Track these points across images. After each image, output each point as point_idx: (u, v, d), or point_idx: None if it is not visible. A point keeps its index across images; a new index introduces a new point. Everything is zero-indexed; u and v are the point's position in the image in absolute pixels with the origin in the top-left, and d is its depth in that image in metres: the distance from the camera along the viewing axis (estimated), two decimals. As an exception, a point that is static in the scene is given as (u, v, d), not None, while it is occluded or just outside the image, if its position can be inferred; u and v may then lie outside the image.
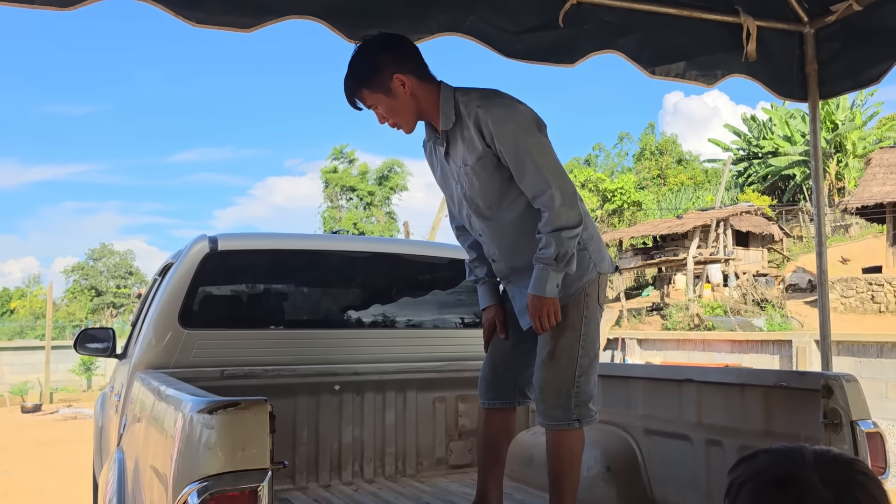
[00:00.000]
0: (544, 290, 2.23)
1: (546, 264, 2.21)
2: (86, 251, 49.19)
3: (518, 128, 2.24)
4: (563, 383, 2.33)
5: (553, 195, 2.19)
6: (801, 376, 2.55)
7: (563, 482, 2.36)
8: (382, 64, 2.27)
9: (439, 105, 2.31)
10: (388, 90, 2.28)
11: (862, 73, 3.40)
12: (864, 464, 1.02)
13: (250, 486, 1.57)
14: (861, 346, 10.31)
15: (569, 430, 2.35)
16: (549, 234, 2.20)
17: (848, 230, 27.65)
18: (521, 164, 2.23)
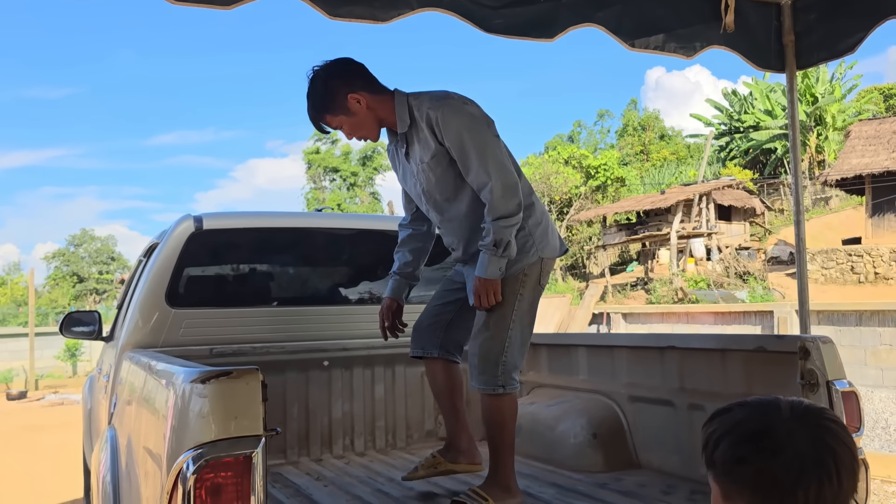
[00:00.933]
0: (486, 273, 2.47)
1: (487, 250, 2.45)
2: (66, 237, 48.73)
3: (464, 126, 2.46)
4: (493, 353, 2.54)
5: (493, 187, 2.42)
6: (779, 340, 2.61)
7: (496, 442, 2.58)
8: (335, 89, 2.53)
9: (395, 111, 2.56)
10: (346, 110, 2.54)
11: (838, 44, 3.45)
12: (833, 412, 1.07)
13: (244, 453, 1.60)
14: (840, 315, 10.49)
15: (497, 395, 2.55)
16: (490, 223, 2.44)
17: (828, 203, 27.94)
18: (467, 159, 2.46)
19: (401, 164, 2.71)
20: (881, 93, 34.15)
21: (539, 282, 2.63)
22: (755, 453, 1.00)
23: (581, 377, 3.49)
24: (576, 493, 2.73)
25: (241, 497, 1.61)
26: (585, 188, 29.47)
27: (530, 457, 3.31)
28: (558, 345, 3.77)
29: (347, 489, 2.86)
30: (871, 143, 21.45)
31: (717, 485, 1.06)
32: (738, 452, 1.01)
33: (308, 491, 2.86)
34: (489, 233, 2.44)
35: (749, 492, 1.00)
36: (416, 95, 2.56)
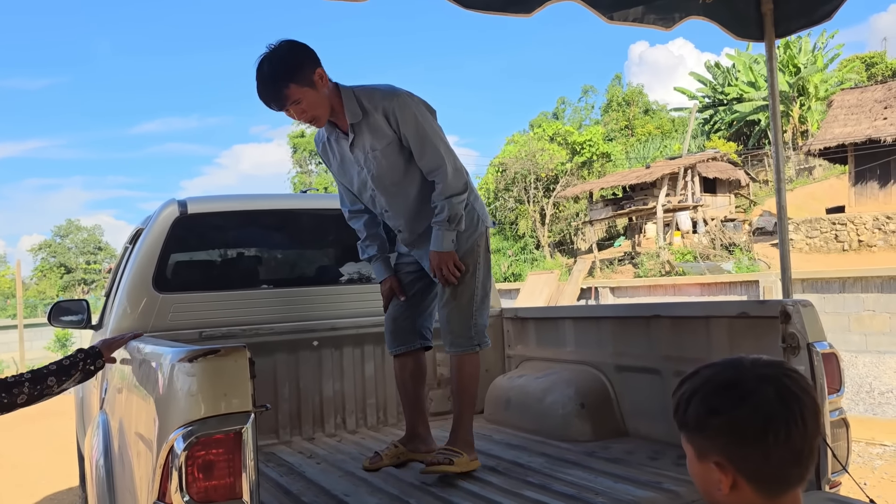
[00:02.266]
0: (442, 246, 2.68)
1: (440, 225, 2.66)
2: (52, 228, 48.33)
3: (419, 116, 2.64)
4: (465, 317, 2.79)
5: (446, 169, 2.64)
6: (761, 305, 2.66)
7: (465, 398, 2.82)
8: (303, 60, 2.54)
9: (342, 102, 2.63)
10: (311, 83, 2.54)
11: (815, 10, 3.46)
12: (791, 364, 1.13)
13: (234, 429, 1.62)
14: (824, 282, 10.61)
15: (470, 353, 2.81)
16: (443, 201, 2.65)
17: (812, 172, 28.10)
18: (423, 145, 2.64)
19: (338, 156, 2.81)
20: (863, 62, 34.25)
21: (487, 249, 2.90)
22: (726, 402, 1.04)
23: (568, 349, 3.52)
24: (565, 462, 2.77)
25: (233, 473, 1.63)
26: (571, 165, 29.48)
27: (520, 428, 3.35)
28: (546, 318, 3.81)
29: (340, 466, 2.90)
30: (854, 112, 21.56)
31: (691, 445, 1.10)
32: (709, 405, 1.06)
33: (301, 469, 2.89)
34: (443, 210, 2.65)
35: (722, 442, 1.04)
36: (361, 89, 2.67)
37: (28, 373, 2.13)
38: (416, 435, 2.94)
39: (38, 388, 2.10)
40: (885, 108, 20.77)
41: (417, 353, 2.99)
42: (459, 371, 2.82)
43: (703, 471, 1.08)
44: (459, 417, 2.80)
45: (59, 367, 2.17)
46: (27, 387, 2.08)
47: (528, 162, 28.51)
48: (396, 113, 2.60)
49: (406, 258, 2.99)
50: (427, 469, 2.61)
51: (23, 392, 2.07)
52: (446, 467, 2.59)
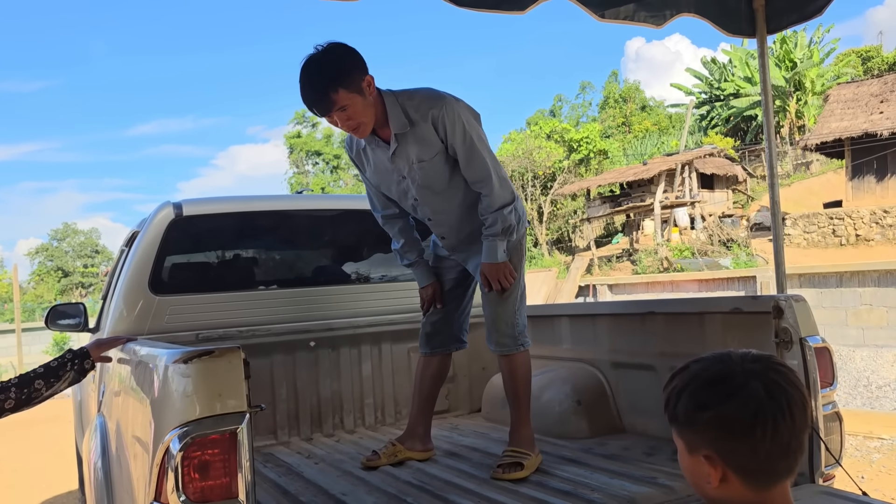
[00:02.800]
0: (496, 258, 2.67)
1: (494, 237, 2.64)
2: (49, 232, 48.28)
3: (468, 125, 2.57)
4: (509, 316, 2.78)
5: (492, 181, 2.60)
6: (754, 300, 2.67)
7: (521, 397, 2.81)
8: (354, 65, 2.45)
9: (387, 110, 2.53)
10: (360, 90, 2.44)
11: (807, 6, 3.48)
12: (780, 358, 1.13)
13: (230, 429, 1.63)
14: (821, 277, 10.63)
15: (519, 352, 2.81)
16: (494, 214, 2.62)
17: (809, 167, 28.14)
18: (470, 154, 2.58)
19: (374, 164, 2.71)
20: (859, 56, 34.28)
21: (524, 249, 2.89)
22: (714, 397, 1.06)
23: (565, 346, 3.54)
24: (561, 459, 2.79)
25: (229, 473, 1.64)
26: (568, 162, 29.49)
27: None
28: (542, 315, 3.81)
29: (338, 466, 2.91)
30: (850, 107, 21.57)
31: (682, 439, 1.12)
32: (698, 399, 1.08)
33: (299, 469, 2.90)
34: (495, 223, 2.62)
35: (711, 436, 1.06)
36: (405, 95, 2.55)
37: (15, 378, 2.08)
38: (416, 434, 2.94)
39: (26, 392, 2.05)
40: (882, 102, 20.78)
41: (444, 356, 3.02)
42: (513, 372, 2.81)
43: (693, 464, 1.10)
44: (520, 416, 2.78)
45: (46, 370, 2.12)
46: (14, 391, 2.03)
47: (525, 160, 28.51)
48: (445, 122, 2.52)
49: (446, 262, 2.96)
50: (499, 476, 2.53)
51: (10, 397, 2.02)
52: (518, 474, 2.53)
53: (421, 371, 3.02)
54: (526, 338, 2.84)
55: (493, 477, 2.55)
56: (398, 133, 2.55)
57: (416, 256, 2.95)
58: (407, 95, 2.55)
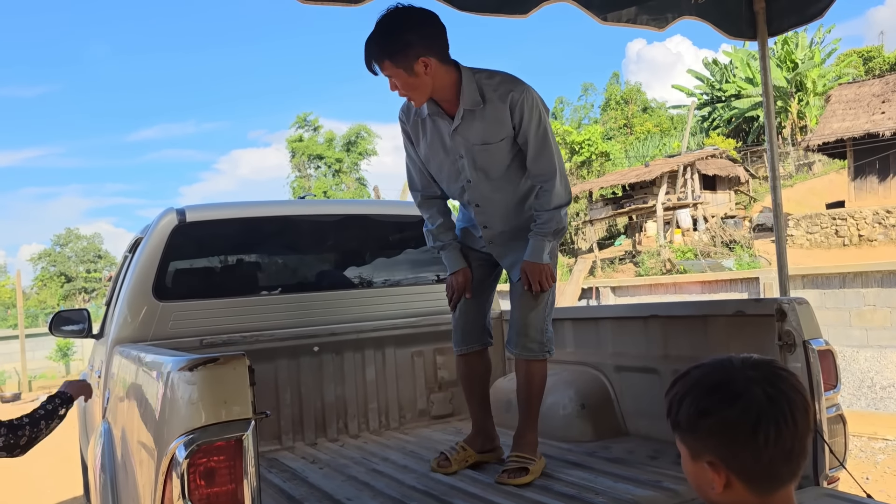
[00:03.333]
0: (542, 258, 2.57)
1: (544, 236, 2.56)
2: (51, 237, 48.42)
3: (544, 117, 2.51)
4: (540, 322, 2.70)
5: (556, 179, 2.53)
6: (757, 303, 2.67)
7: (532, 404, 2.75)
8: (411, 43, 2.35)
9: (460, 86, 2.46)
10: (410, 69, 2.37)
11: (808, 8, 3.48)
12: (782, 363, 1.13)
13: (235, 436, 1.64)
14: (824, 278, 10.61)
15: (540, 359, 2.73)
16: (550, 212, 2.54)
17: (811, 168, 28.12)
18: (542, 147, 2.50)
19: (430, 137, 2.60)
20: (860, 56, 34.29)
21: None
22: (716, 403, 1.06)
23: (568, 350, 3.54)
24: (566, 462, 2.79)
25: (235, 480, 1.65)
26: (570, 164, 29.50)
27: (521, 430, 3.36)
28: (545, 319, 3.82)
29: (342, 471, 2.91)
30: (852, 107, 21.57)
31: (685, 445, 1.12)
32: (700, 406, 1.07)
33: (304, 474, 2.90)
34: (549, 220, 2.54)
35: (714, 442, 1.06)
36: (488, 74, 2.50)
37: (26, 417, 2.43)
38: (485, 432, 2.88)
39: (35, 431, 2.40)
40: (883, 103, 20.78)
41: (483, 351, 2.92)
42: (530, 377, 2.72)
43: (696, 470, 1.10)
44: (528, 422, 2.72)
45: (46, 412, 2.47)
46: (27, 429, 2.39)
47: (527, 162, 28.50)
48: (524, 107, 2.45)
49: (477, 253, 2.84)
50: (504, 481, 2.53)
51: (24, 434, 2.38)
52: (523, 479, 2.52)
53: (467, 373, 2.92)
54: (552, 346, 2.76)
55: (498, 481, 2.55)
56: (468, 109, 2.47)
57: (449, 239, 2.82)
58: (487, 74, 2.50)
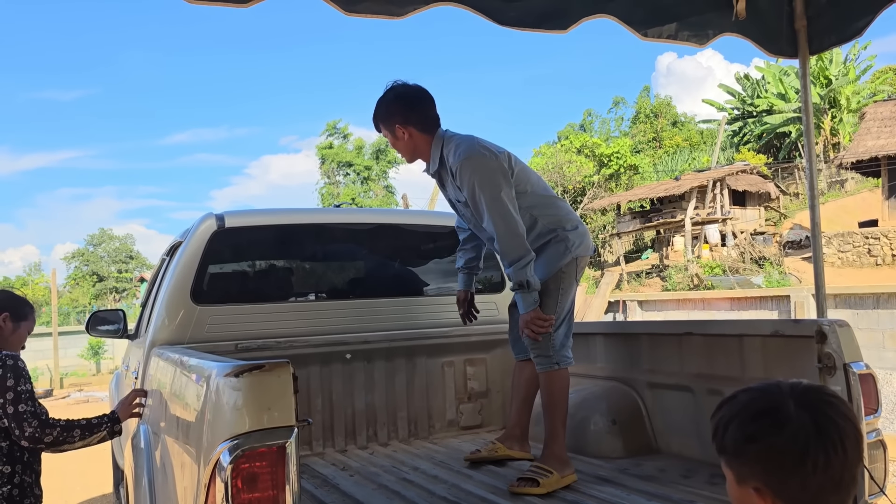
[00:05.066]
0: (523, 308, 2.80)
1: (516, 291, 2.79)
2: (85, 237, 49.25)
3: (477, 184, 2.76)
4: (545, 338, 2.85)
5: (500, 239, 2.75)
6: (795, 324, 2.64)
7: (553, 415, 2.86)
8: (392, 113, 2.90)
9: (431, 152, 2.92)
10: (393, 132, 2.93)
11: (848, 27, 3.45)
12: (832, 389, 1.11)
13: (278, 443, 1.66)
14: (858, 298, 10.44)
15: (553, 370, 2.87)
16: (509, 270, 2.78)
17: (844, 185, 27.68)
18: (479, 212, 2.81)
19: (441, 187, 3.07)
20: (896, 73, 33.71)
21: (575, 277, 2.98)
22: (763, 430, 1.04)
23: (599, 365, 3.53)
24: (597, 478, 2.78)
25: (276, 486, 1.67)
26: (598, 177, 29.38)
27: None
28: (576, 333, 3.80)
29: (373, 479, 2.93)
30: (887, 125, 21.21)
31: (730, 469, 1.09)
32: (747, 432, 1.05)
33: (335, 481, 2.92)
34: (511, 278, 2.79)
35: (761, 469, 1.04)
36: (450, 141, 2.88)
37: (63, 420, 2.53)
38: (515, 435, 3.13)
39: (64, 436, 2.50)
40: (920, 121, 20.41)
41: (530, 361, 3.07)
42: (548, 388, 2.88)
43: (742, 495, 1.08)
44: (552, 433, 2.83)
45: (87, 424, 2.58)
46: (57, 431, 2.49)
47: (555, 174, 28.46)
48: (462, 178, 2.80)
49: None
50: (514, 489, 2.64)
51: (52, 434, 2.48)
52: (532, 489, 2.61)
53: (516, 377, 3.20)
54: (564, 357, 2.88)
55: (509, 488, 2.66)
56: (432, 172, 2.96)
57: (461, 264, 3.30)
58: (453, 143, 2.87)
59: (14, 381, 2.48)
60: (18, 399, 2.46)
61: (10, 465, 2.51)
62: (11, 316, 2.72)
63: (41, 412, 2.51)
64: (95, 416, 2.65)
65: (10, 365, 2.51)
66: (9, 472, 2.50)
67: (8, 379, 2.48)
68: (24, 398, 2.48)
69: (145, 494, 2.54)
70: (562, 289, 2.90)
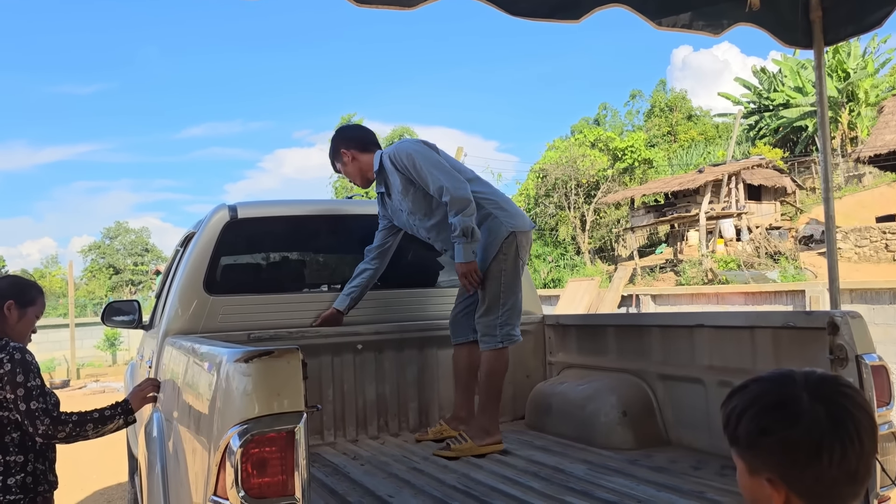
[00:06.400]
0: (462, 258, 3.08)
1: (458, 240, 3.05)
2: (101, 230, 49.67)
3: (415, 154, 3.18)
4: (491, 317, 3.18)
5: (447, 188, 3.05)
6: (807, 316, 2.62)
7: (487, 390, 3.20)
8: (337, 145, 3.47)
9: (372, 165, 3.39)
10: (341, 161, 3.45)
11: (865, 18, 3.42)
12: (847, 379, 1.09)
13: (287, 428, 1.68)
14: (874, 293, 10.32)
15: (496, 349, 3.18)
16: (455, 218, 3.04)
17: (861, 180, 27.39)
18: (422, 176, 3.15)
19: (388, 205, 3.45)
20: (916, 66, 33.23)
21: (518, 255, 3.21)
22: (777, 423, 1.02)
23: (610, 357, 3.52)
24: (607, 469, 2.78)
25: (286, 471, 1.69)
26: (612, 171, 29.22)
27: (561, 435, 3.37)
28: (588, 325, 3.81)
29: (383, 468, 2.94)
30: (906, 118, 20.97)
31: (742, 460, 1.08)
32: (760, 424, 1.04)
33: (346, 470, 2.94)
34: (457, 226, 3.04)
35: (774, 461, 1.02)
36: (386, 150, 3.36)
37: (75, 415, 2.54)
38: (459, 417, 3.37)
39: (77, 430, 2.52)
40: (940, 115, 20.16)
41: (472, 345, 3.34)
42: (486, 365, 3.20)
43: (754, 485, 1.07)
44: (483, 407, 3.19)
45: (100, 416, 2.59)
46: (70, 427, 2.50)
47: (568, 168, 28.36)
48: (397, 158, 3.23)
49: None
50: (434, 453, 3.09)
51: (65, 430, 2.50)
52: (444, 453, 3.06)
53: (455, 361, 3.46)
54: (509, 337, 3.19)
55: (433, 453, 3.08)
56: (377, 178, 3.38)
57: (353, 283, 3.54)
58: (389, 148, 3.33)
59: (24, 377, 2.48)
60: (29, 395, 2.46)
61: (22, 455, 2.53)
62: (17, 302, 2.68)
63: (52, 408, 2.52)
64: (108, 407, 2.64)
65: (19, 359, 2.50)
66: (22, 461, 2.53)
67: (18, 374, 2.47)
68: (35, 394, 2.48)
69: (158, 481, 2.57)
70: (504, 270, 3.16)
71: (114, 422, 2.60)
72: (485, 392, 3.20)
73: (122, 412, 2.64)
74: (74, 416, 2.53)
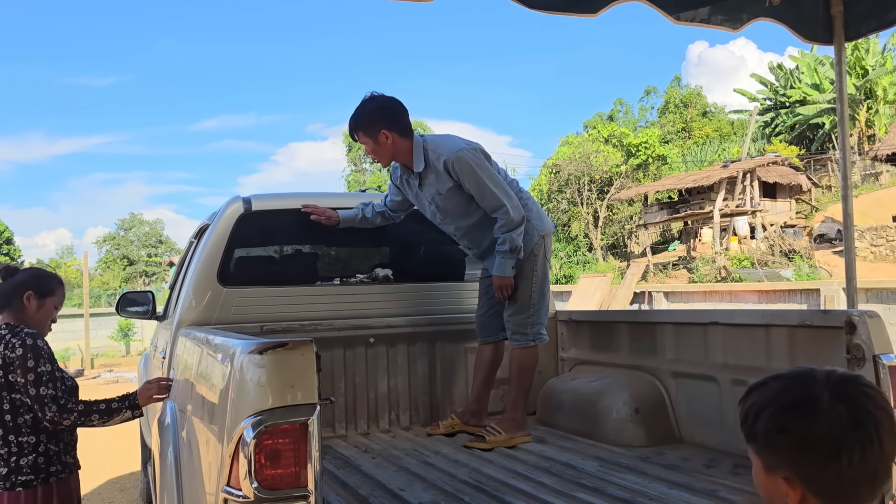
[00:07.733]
0: (503, 272, 3.20)
1: (503, 255, 3.17)
2: (116, 221, 50.09)
3: (476, 168, 3.16)
4: (523, 316, 3.30)
5: (507, 208, 3.15)
6: (824, 315, 2.60)
7: (518, 385, 3.31)
8: (376, 119, 3.21)
9: (412, 153, 3.26)
10: (375, 139, 3.24)
11: (888, 13, 3.37)
12: (868, 379, 1.08)
13: (301, 420, 1.68)
14: (890, 292, 10.23)
15: (527, 347, 3.31)
16: (505, 234, 3.16)
17: (878, 178, 27.12)
18: (481, 192, 3.18)
19: (412, 189, 3.41)
20: (936, 64, 32.82)
21: (545, 256, 3.35)
22: (796, 421, 1.01)
23: (623, 353, 3.51)
24: (618, 466, 2.77)
25: (299, 463, 1.69)
26: (626, 167, 29.10)
27: (572, 431, 3.36)
28: (600, 322, 3.79)
29: (395, 461, 2.94)
30: (925, 116, 20.71)
31: (759, 457, 1.07)
32: (779, 422, 1.02)
33: (357, 462, 2.95)
34: (505, 242, 3.14)
35: (792, 460, 1.01)
36: (432, 142, 3.26)
37: (81, 405, 2.57)
38: (472, 410, 3.42)
39: (82, 421, 2.57)
40: (960, 113, 19.90)
41: (498, 343, 3.46)
42: (517, 362, 3.31)
43: (770, 483, 1.05)
44: (514, 402, 3.30)
45: (106, 408, 2.62)
46: (74, 416, 2.54)
47: (582, 163, 28.26)
48: (456, 168, 3.15)
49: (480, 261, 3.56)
50: (467, 444, 3.13)
51: (70, 419, 2.54)
52: (479, 444, 3.10)
53: (478, 357, 3.50)
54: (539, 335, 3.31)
55: (463, 444, 3.14)
56: (419, 171, 3.26)
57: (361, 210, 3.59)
58: (434, 143, 3.25)
59: (34, 363, 2.52)
60: (39, 381, 2.50)
61: (34, 436, 2.58)
62: (35, 293, 2.72)
63: (62, 395, 2.55)
64: (116, 399, 2.67)
65: (30, 345, 2.54)
66: (34, 442, 2.58)
67: (28, 359, 2.52)
68: (45, 380, 2.51)
69: (171, 471, 2.58)
70: (535, 270, 3.29)
71: (120, 414, 2.65)
72: (516, 387, 3.31)
73: (129, 407, 2.67)
74: (81, 405, 2.58)
